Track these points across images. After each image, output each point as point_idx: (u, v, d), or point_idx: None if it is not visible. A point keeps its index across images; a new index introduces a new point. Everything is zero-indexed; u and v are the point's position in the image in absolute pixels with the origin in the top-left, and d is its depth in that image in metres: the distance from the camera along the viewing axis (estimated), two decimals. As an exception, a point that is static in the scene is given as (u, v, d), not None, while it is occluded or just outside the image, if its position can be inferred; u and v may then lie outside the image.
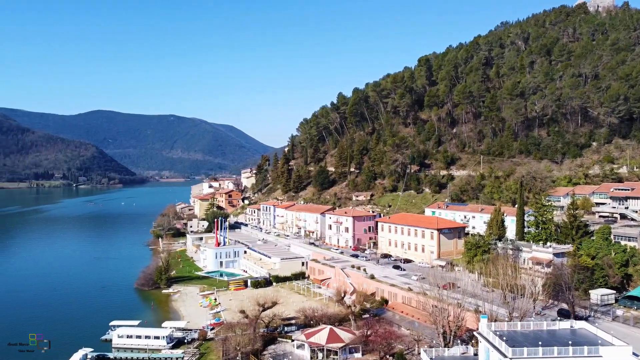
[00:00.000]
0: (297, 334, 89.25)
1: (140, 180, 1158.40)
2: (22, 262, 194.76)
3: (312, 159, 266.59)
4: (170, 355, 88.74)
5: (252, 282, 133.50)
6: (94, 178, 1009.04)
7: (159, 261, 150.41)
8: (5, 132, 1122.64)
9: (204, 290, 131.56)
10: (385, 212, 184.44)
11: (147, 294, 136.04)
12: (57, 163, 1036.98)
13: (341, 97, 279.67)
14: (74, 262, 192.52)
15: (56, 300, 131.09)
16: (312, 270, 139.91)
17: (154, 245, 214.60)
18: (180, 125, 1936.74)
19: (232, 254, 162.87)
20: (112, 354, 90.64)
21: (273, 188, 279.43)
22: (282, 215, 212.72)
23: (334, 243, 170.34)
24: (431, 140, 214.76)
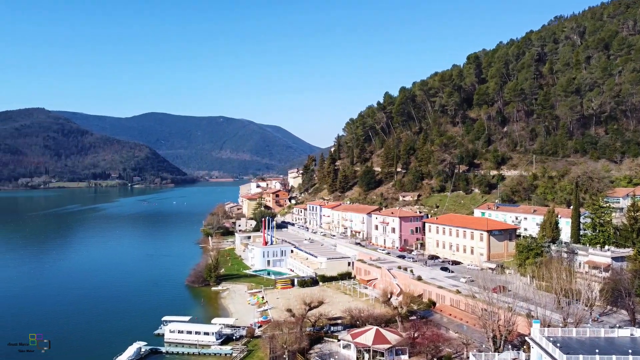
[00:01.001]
0: (343, 334, 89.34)
1: (191, 180, 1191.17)
2: (81, 258, 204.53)
3: (358, 159, 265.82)
4: (219, 351, 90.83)
5: (299, 281, 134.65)
6: (148, 178, 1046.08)
7: (209, 259, 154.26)
8: (67, 134, 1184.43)
9: (251, 288, 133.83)
10: (432, 212, 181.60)
11: (197, 291, 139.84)
12: (113, 163, 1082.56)
13: (387, 97, 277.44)
14: (128, 258, 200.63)
15: (112, 295, 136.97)
16: (358, 270, 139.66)
17: (204, 243, 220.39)
18: (229, 126, 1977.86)
19: (279, 253, 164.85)
20: (164, 348, 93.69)
21: (319, 188, 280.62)
22: (328, 215, 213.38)
23: (380, 243, 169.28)
24: (480, 139, 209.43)
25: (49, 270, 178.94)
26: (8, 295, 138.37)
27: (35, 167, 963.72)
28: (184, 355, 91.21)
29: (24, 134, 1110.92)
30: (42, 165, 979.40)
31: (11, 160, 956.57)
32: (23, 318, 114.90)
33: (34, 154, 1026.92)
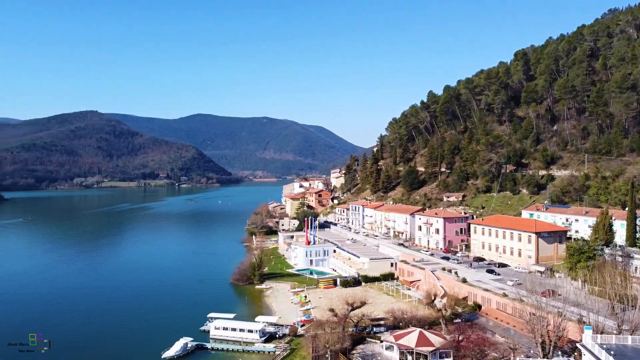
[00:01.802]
0: (385, 335, 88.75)
1: (236, 180, 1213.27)
2: (132, 255, 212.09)
3: (401, 159, 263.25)
4: (262, 349, 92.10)
5: (341, 281, 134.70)
6: (194, 178, 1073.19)
7: (253, 258, 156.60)
8: (118, 135, 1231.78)
9: (294, 287, 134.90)
10: (478, 213, 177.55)
11: (242, 289, 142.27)
12: (161, 164, 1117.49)
13: (431, 96, 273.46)
14: (175, 256, 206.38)
15: (161, 291, 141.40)
16: (401, 271, 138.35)
17: (248, 242, 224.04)
18: (272, 126, 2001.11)
19: (322, 253, 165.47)
20: (210, 344, 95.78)
21: (362, 188, 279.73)
22: (370, 216, 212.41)
23: (424, 244, 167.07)
24: (529, 138, 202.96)
25: (102, 267, 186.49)
26: (66, 287, 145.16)
27: (89, 168, 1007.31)
28: (228, 351, 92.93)
29: (79, 135, 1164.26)
30: (95, 166, 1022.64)
31: (67, 161, 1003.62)
32: (77, 313, 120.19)
33: (88, 155, 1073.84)
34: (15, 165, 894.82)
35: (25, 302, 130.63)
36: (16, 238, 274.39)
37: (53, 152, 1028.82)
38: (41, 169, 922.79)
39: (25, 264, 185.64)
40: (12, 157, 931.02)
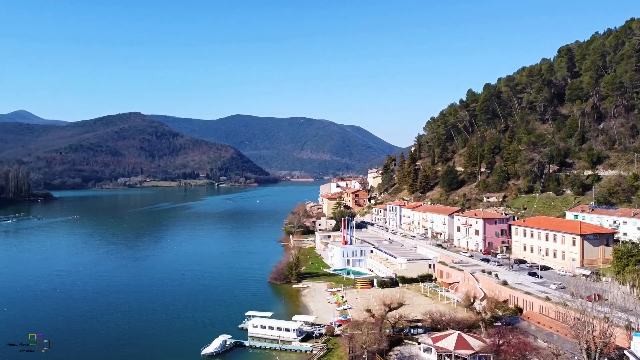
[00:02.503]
0: (423, 337, 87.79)
1: (273, 180, 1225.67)
2: (173, 253, 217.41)
3: (440, 159, 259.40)
4: (299, 347, 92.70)
5: (378, 282, 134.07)
6: (233, 177, 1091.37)
7: (290, 257, 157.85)
8: (160, 136, 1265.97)
9: (331, 287, 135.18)
10: (519, 214, 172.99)
11: (279, 288, 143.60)
12: (201, 164, 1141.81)
13: (471, 94, 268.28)
14: (215, 254, 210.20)
15: (200, 289, 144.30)
16: (439, 272, 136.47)
17: (285, 241, 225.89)
18: (309, 127, 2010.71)
19: (359, 253, 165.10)
20: (248, 342, 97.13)
21: (399, 188, 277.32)
22: (408, 216, 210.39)
23: (463, 246, 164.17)
24: (573, 137, 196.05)
25: (145, 264, 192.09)
26: (110, 285, 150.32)
27: (132, 168, 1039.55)
28: (266, 349, 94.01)
29: (123, 136, 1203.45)
30: (138, 166, 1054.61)
31: (112, 161, 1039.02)
32: (120, 310, 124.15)
33: (131, 155, 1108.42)
34: (63, 165, 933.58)
35: (70, 299, 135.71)
36: (67, 235, 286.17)
37: (99, 152, 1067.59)
38: (87, 169, 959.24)
39: (73, 261, 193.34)
40: (61, 157, 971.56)
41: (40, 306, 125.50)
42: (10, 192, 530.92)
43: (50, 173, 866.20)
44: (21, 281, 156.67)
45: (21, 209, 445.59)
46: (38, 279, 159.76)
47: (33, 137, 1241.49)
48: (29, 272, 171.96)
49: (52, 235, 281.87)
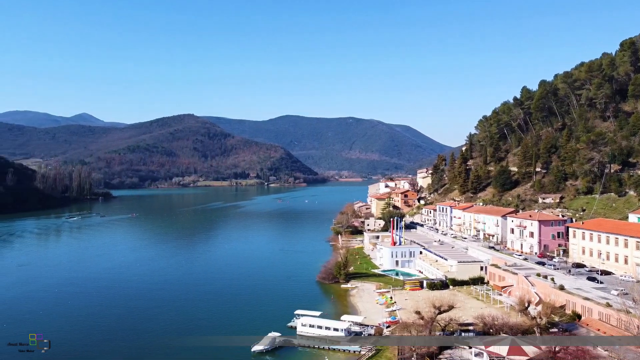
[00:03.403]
0: (475, 341, 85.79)
1: (322, 180, 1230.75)
2: (224, 250, 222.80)
3: (492, 158, 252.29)
4: (348, 348, 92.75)
5: (428, 284, 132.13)
6: (282, 177, 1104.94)
7: (338, 257, 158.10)
8: (212, 137, 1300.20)
9: (380, 288, 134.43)
10: (577, 216, 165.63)
11: (328, 287, 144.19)
12: (251, 164, 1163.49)
13: (525, 91, 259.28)
14: (265, 252, 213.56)
15: (250, 286, 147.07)
16: (491, 275, 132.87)
17: (334, 241, 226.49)
18: (358, 126, 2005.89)
19: (408, 254, 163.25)
20: (297, 340, 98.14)
21: (450, 188, 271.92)
22: (459, 217, 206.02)
23: (517, 248, 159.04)
24: (637, 135, 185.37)
25: (198, 261, 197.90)
26: (164, 281, 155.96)
27: (186, 168, 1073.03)
28: (314, 348, 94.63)
29: (177, 137, 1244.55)
30: (191, 166, 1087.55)
31: (166, 162, 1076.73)
32: (173, 307, 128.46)
33: (185, 156, 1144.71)
34: (122, 165, 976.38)
35: (127, 295, 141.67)
36: (126, 232, 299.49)
37: (154, 153, 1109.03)
38: (144, 169, 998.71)
39: (131, 257, 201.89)
40: (120, 158, 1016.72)
41: (102, 300, 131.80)
42: (74, 191, 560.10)
43: (110, 173, 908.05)
44: (84, 276, 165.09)
45: (84, 207, 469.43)
46: (99, 274, 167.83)
47: (94, 139, 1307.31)
48: (90, 267, 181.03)
49: (113, 232, 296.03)
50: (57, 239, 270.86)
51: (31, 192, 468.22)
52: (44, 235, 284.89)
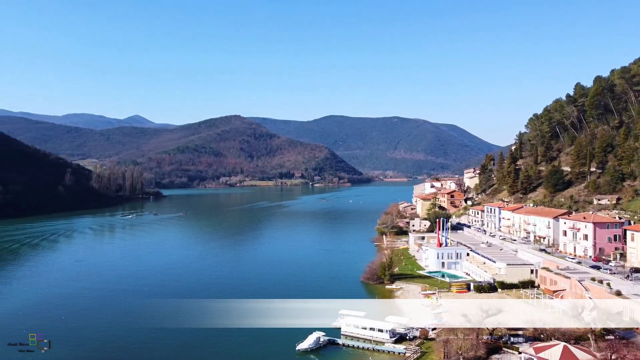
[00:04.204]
0: (524, 347, 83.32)
1: (366, 180, 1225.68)
2: (269, 249, 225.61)
3: (544, 158, 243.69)
4: (392, 349, 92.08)
5: (475, 286, 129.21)
6: (327, 177, 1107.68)
7: (383, 257, 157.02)
8: (258, 137, 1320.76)
9: (425, 290, 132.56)
10: (637, 218, 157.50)
11: (372, 288, 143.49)
12: (296, 164, 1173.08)
13: (579, 88, 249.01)
14: (308, 252, 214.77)
15: (295, 285, 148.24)
16: (542, 279, 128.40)
17: (378, 241, 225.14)
18: (403, 126, 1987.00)
19: (454, 256, 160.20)
20: (341, 340, 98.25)
21: (498, 189, 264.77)
22: (508, 218, 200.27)
23: (569, 251, 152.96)
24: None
25: (244, 259, 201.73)
26: (211, 278, 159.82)
27: (233, 168, 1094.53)
28: (358, 349, 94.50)
29: (224, 138, 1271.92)
30: (238, 166, 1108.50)
31: (214, 162, 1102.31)
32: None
33: (232, 156, 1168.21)
34: (172, 165, 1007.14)
35: (174, 293, 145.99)
36: (177, 230, 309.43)
37: (202, 153, 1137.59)
38: (193, 169, 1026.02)
39: (181, 255, 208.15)
40: (170, 158, 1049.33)
41: (152, 295, 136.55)
42: (127, 190, 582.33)
43: (160, 173, 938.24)
44: (136, 273, 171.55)
45: (136, 206, 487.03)
46: (149, 270, 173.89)
47: (146, 140, 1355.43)
48: (143, 264, 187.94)
49: (165, 230, 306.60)
50: (112, 236, 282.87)
51: (88, 191, 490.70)
52: (100, 232, 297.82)
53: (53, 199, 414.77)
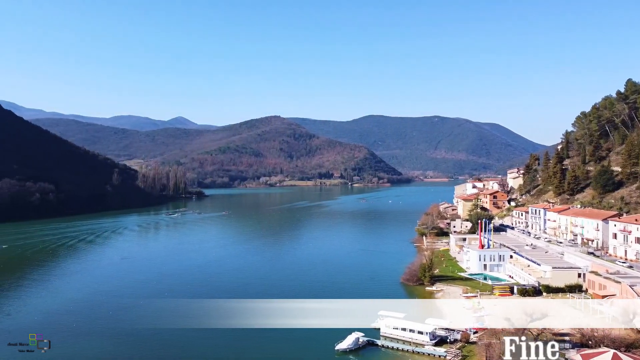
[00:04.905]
0: (571, 353, 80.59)
1: (406, 180, 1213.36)
2: (308, 249, 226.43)
3: (592, 158, 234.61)
4: (433, 352, 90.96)
5: (519, 289, 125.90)
6: (366, 177, 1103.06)
7: (423, 259, 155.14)
8: (297, 138, 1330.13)
9: (466, 292, 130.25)
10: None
11: (411, 289, 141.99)
12: (335, 164, 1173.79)
13: (630, 84, 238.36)
14: (347, 252, 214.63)
15: (333, 285, 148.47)
16: (590, 283, 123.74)
17: (418, 242, 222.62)
18: (443, 125, 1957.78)
19: (497, 258, 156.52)
20: (380, 341, 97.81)
21: (543, 190, 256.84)
22: (554, 220, 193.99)
23: (620, 255, 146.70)
24: None
25: (284, 258, 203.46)
26: (251, 277, 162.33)
27: (273, 168, 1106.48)
28: (398, 350, 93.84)
29: (264, 138, 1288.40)
30: (278, 166, 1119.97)
31: (255, 162, 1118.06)
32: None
33: (272, 156, 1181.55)
34: (214, 165, 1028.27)
35: (217, 289, 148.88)
36: (219, 229, 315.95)
37: (243, 154, 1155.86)
38: (234, 169, 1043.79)
39: (222, 253, 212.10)
40: (212, 158, 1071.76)
41: (192, 294, 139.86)
42: (170, 190, 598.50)
43: (203, 173, 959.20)
44: (179, 269, 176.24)
45: (179, 205, 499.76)
46: (192, 268, 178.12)
47: (189, 141, 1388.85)
48: (186, 261, 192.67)
49: (208, 228, 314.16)
50: (157, 234, 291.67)
51: (134, 190, 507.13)
52: (145, 230, 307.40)
53: (102, 198, 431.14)
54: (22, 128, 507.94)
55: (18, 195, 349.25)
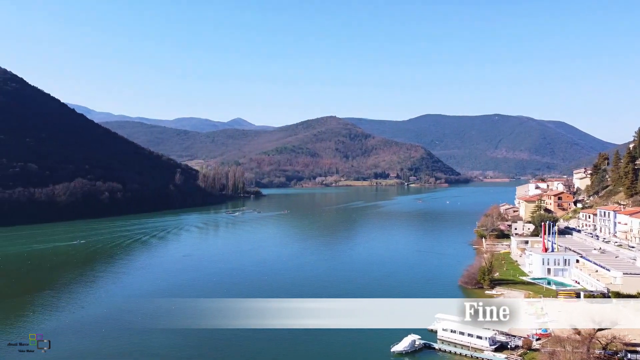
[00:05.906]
0: (643, 365, 76.03)
1: (465, 180, 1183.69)
2: (364, 249, 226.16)
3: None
4: (492, 357, 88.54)
5: (586, 295, 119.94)
6: (422, 177, 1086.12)
7: (483, 261, 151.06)
8: (353, 138, 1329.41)
9: (529, 297, 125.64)
10: None
11: (470, 292, 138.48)
12: (391, 164, 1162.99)
13: None
14: (403, 253, 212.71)
15: (389, 287, 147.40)
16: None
17: (477, 245, 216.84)
18: (504, 124, 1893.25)
19: (562, 262, 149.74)
20: (437, 345, 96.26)
21: (613, 191, 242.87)
22: (625, 223, 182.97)
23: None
24: None
25: (340, 258, 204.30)
26: (306, 276, 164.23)
27: (328, 168, 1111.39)
28: (455, 354, 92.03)
29: (320, 139, 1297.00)
30: (333, 166, 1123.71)
31: (311, 162, 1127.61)
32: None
33: (327, 156, 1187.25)
34: (271, 166, 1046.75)
35: (274, 288, 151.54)
36: (278, 227, 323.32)
37: (299, 154, 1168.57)
38: (290, 169, 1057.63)
39: (280, 252, 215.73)
40: (269, 159, 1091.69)
41: (249, 293, 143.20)
42: (229, 189, 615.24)
43: (260, 172, 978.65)
44: (239, 267, 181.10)
45: (238, 204, 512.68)
46: (251, 266, 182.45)
47: (247, 141, 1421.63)
48: (244, 259, 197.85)
49: (267, 227, 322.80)
50: (217, 233, 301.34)
51: (195, 190, 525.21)
52: (206, 229, 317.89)
53: (165, 196, 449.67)
54: (93, 130, 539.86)
55: (89, 193, 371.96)
